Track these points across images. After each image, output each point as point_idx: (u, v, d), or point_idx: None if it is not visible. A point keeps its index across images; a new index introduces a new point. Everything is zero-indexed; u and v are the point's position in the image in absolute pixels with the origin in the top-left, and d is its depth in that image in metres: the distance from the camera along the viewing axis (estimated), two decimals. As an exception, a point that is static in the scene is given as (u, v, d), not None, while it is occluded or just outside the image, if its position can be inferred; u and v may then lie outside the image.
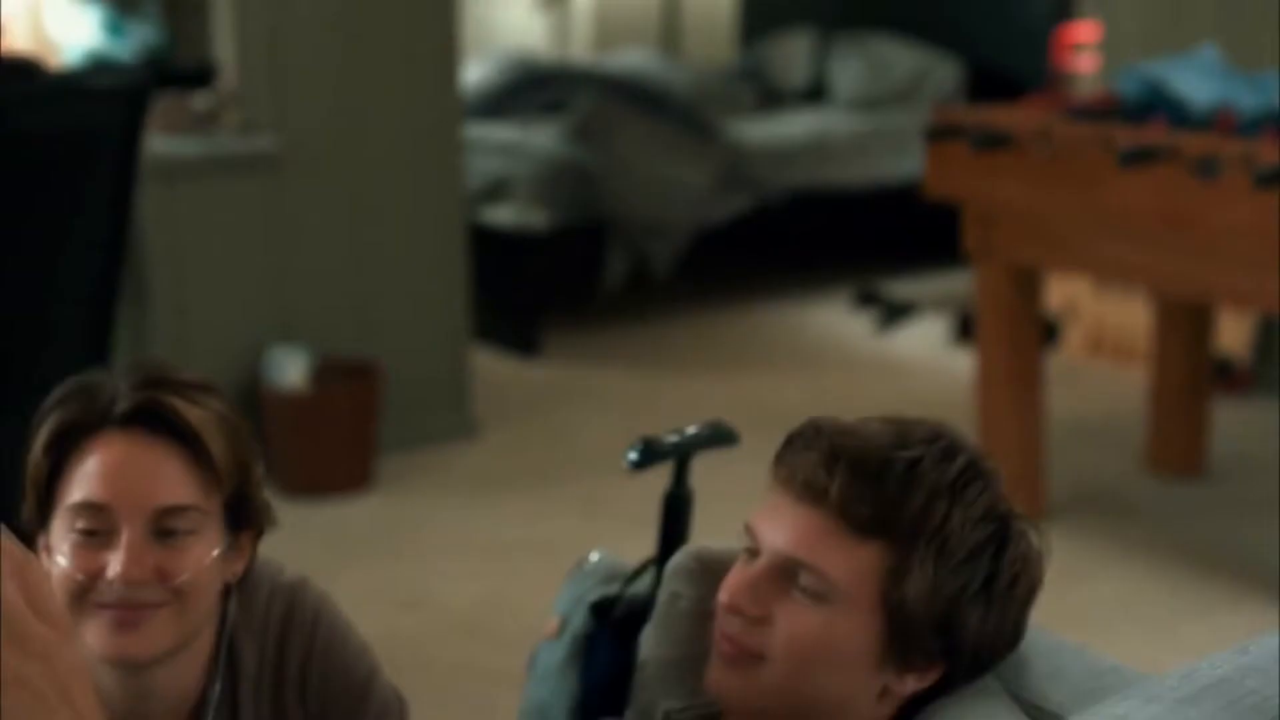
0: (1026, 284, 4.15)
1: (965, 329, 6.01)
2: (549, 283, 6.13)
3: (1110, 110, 4.06)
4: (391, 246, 4.84)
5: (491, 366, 5.64)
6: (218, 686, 1.65)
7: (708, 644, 1.66)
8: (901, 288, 6.70)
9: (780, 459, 1.58)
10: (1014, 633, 1.59)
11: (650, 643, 1.79)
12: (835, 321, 6.42)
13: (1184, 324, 4.48)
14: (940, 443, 1.57)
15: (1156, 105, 3.97)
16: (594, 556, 2.10)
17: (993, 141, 3.90)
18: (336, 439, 4.50)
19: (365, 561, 4.08)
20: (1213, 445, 4.63)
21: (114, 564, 1.53)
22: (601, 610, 2.00)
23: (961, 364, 5.58)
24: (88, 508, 1.55)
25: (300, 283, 4.69)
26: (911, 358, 5.91)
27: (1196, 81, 4.01)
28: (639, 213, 6.11)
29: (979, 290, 4.24)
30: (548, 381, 5.67)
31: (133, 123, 2.92)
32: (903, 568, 1.51)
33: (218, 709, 1.65)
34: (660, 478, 4.81)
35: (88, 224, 3.00)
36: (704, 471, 2.22)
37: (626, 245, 6.16)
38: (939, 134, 4.13)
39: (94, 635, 1.54)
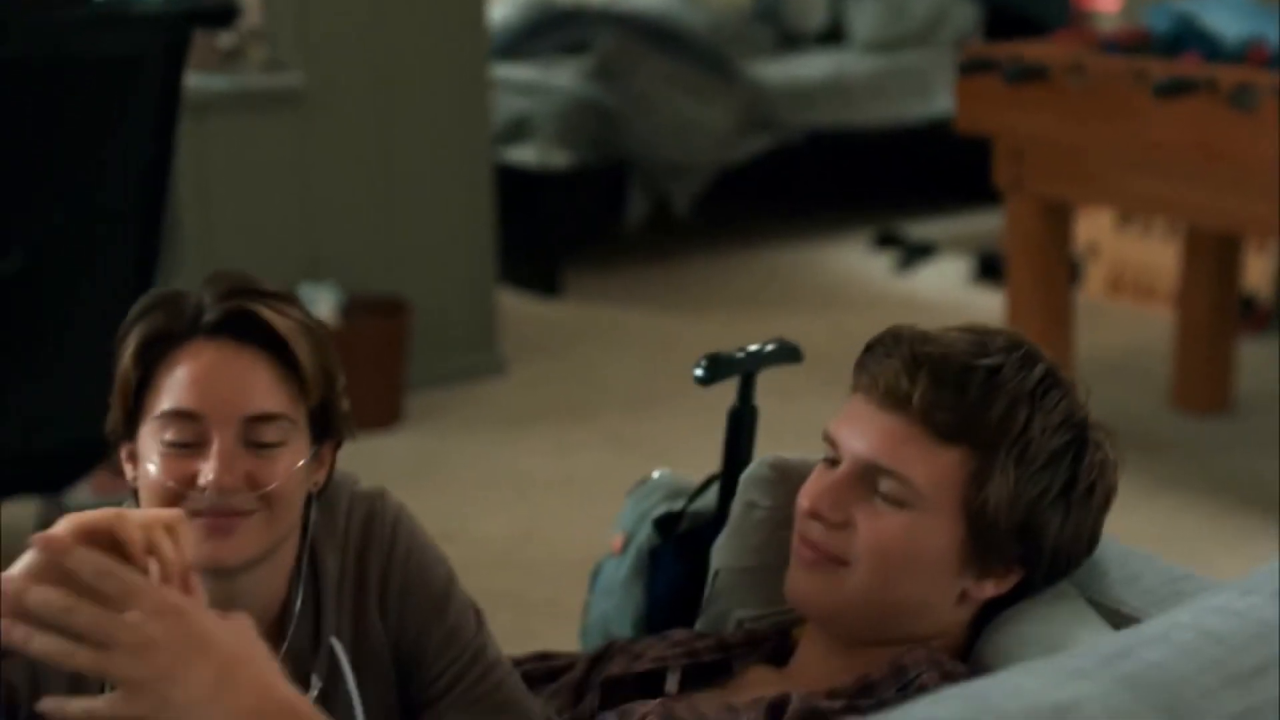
0: (1057, 219, 4.16)
1: (986, 269, 6.02)
2: (570, 222, 6.13)
3: (1142, 45, 4.05)
4: (418, 184, 4.84)
5: (514, 305, 5.65)
6: (300, 594, 1.67)
7: (783, 553, 1.67)
8: (920, 228, 6.70)
9: (861, 366, 1.59)
10: (1091, 539, 1.61)
11: (724, 552, 1.80)
12: (855, 262, 6.42)
13: (1211, 261, 4.49)
14: (1020, 351, 1.58)
15: (1187, 40, 3.97)
16: (657, 473, 2.12)
17: (1027, 74, 3.90)
18: (366, 375, 4.50)
19: (397, 495, 4.08)
20: (1238, 382, 4.64)
21: (206, 472, 1.54)
22: (666, 525, 2.02)
23: (984, 302, 5.59)
24: (179, 416, 1.55)
25: (328, 220, 4.69)
26: (933, 297, 5.91)
27: (1226, 17, 4.01)
28: (660, 152, 6.10)
29: (1008, 225, 4.25)
30: (570, 321, 5.68)
31: (177, 49, 2.92)
32: (984, 473, 1.53)
33: (301, 617, 1.66)
34: (688, 414, 4.80)
35: (133, 150, 3.00)
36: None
37: (647, 185, 6.16)
38: (971, 68, 4.12)
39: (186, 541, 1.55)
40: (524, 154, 5.94)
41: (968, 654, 1.59)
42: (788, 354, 1.98)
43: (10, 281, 2.98)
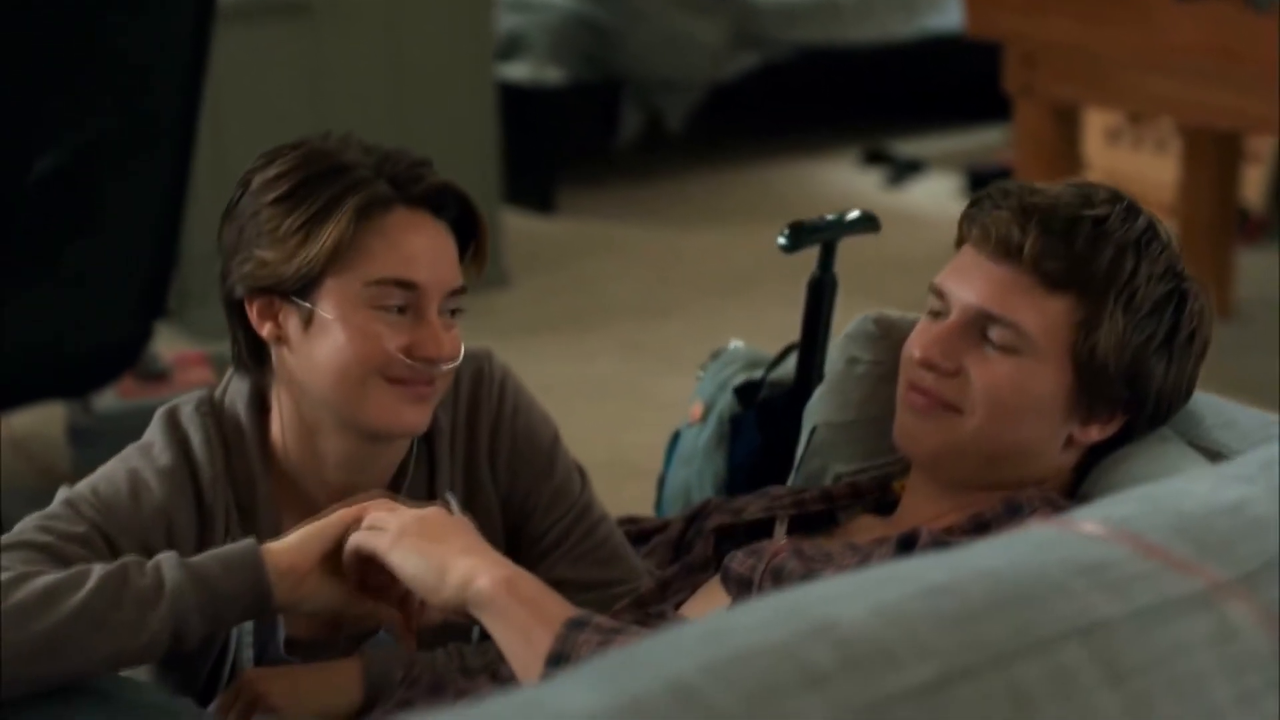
0: (1066, 123, 4.20)
1: (976, 184, 6.06)
2: (564, 139, 6.13)
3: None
4: (424, 97, 4.84)
5: (510, 221, 5.65)
6: (414, 451, 1.70)
7: (885, 407, 1.72)
8: (908, 146, 6.74)
9: (970, 218, 1.63)
10: (1189, 386, 1.66)
11: (822, 409, 1.84)
12: (845, 178, 6.46)
13: (1212, 171, 4.54)
14: (1123, 202, 1.62)
15: (1199, -57, 4.00)
16: (733, 344, 2.15)
17: (1042, -23, 3.93)
18: (376, 285, 4.51)
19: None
20: (1237, 290, 4.71)
21: (425, 343, 1.58)
22: (746, 393, 2.06)
23: (977, 217, 5.63)
24: (398, 285, 1.58)
25: (336, 131, 4.68)
26: (925, 211, 5.95)
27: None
28: (652, 68, 6.11)
29: (1017, 131, 4.29)
30: (567, 236, 5.70)
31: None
32: (1093, 320, 1.57)
33: (415, 473, 1.70)
34: (697, 319, 4.81)
35: (170, 52, 3.00)
36: (739, 314, 2.21)
37: (640, 101, 6.17)
38: (982, -27, 4.15)
39: (380, 408, 1.59)
40: (517, 71, 5.94)
41: (1071, 497, 1.63)
42: (867, 222, 2.02)
43: (47, 182, 2.97)
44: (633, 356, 4.45)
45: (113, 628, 1.44)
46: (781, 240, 1.96)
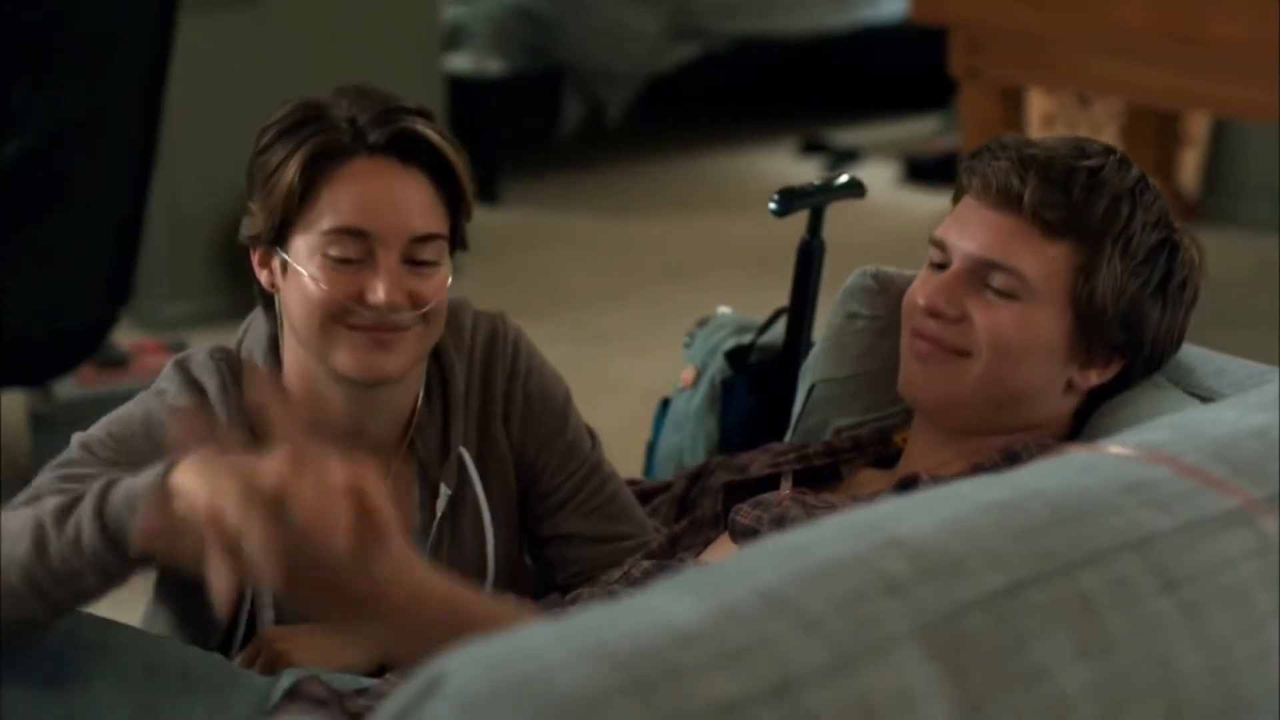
0: (1012, 106, 4.27)
1: (913, 172, 6.14)
2: (505, 130, 6.15)
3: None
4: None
5: (454, 213, 5.67)
6: (431, 405, 1.72)
7: (885, 360, 1.76)
8: (844, 135, 6.81)
9: (970, 170, 1.67)
10: (1181, 333, 1.72)
11: (820, 365, 1.88)
12: (784, 168, 6.51)
13: (1151, 153, 4.63)
14: (1116, 154, 1.67)
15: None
16: (721, 310, 2.19)
17: (988, -40, 3.99)
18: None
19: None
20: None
21: (375, 290, 1.58)
22: (737, 357, 2.09)
23: (915, 202, 5.71)
24: (348, 234, 1.58)
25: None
26: (868, 199, 5.99)
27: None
28: (593, 58, 6.14)
29: (963, 114, 4.35)
30: (512, 226, 5.72)
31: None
32: (1091, 265, 1.62)
33: (430, 427, 1.72)
34: (646, 305, 4.83)
35: (138, 34, 3.00)
36: (686, 299, 2.25)
37: (581, 92, 6.19)
38: (927, -43, 4.21)
39: (346, 355, 1.60)
40: (459, 62, 5.95)
41: (1071, 441, 1.68)
42: (854, 188, 2.06)
43: (15, 165, 2.96)
44: (586, 342, 4.47)
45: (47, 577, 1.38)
46: (772, 205, 2.00)
